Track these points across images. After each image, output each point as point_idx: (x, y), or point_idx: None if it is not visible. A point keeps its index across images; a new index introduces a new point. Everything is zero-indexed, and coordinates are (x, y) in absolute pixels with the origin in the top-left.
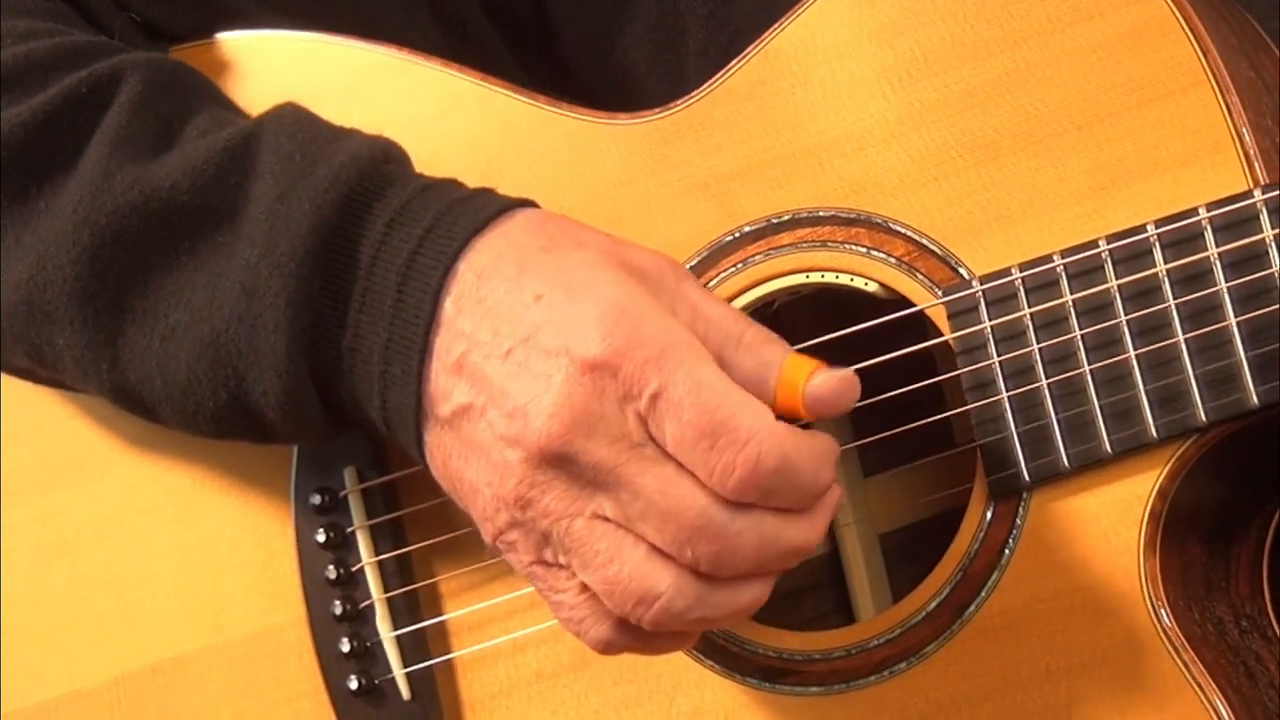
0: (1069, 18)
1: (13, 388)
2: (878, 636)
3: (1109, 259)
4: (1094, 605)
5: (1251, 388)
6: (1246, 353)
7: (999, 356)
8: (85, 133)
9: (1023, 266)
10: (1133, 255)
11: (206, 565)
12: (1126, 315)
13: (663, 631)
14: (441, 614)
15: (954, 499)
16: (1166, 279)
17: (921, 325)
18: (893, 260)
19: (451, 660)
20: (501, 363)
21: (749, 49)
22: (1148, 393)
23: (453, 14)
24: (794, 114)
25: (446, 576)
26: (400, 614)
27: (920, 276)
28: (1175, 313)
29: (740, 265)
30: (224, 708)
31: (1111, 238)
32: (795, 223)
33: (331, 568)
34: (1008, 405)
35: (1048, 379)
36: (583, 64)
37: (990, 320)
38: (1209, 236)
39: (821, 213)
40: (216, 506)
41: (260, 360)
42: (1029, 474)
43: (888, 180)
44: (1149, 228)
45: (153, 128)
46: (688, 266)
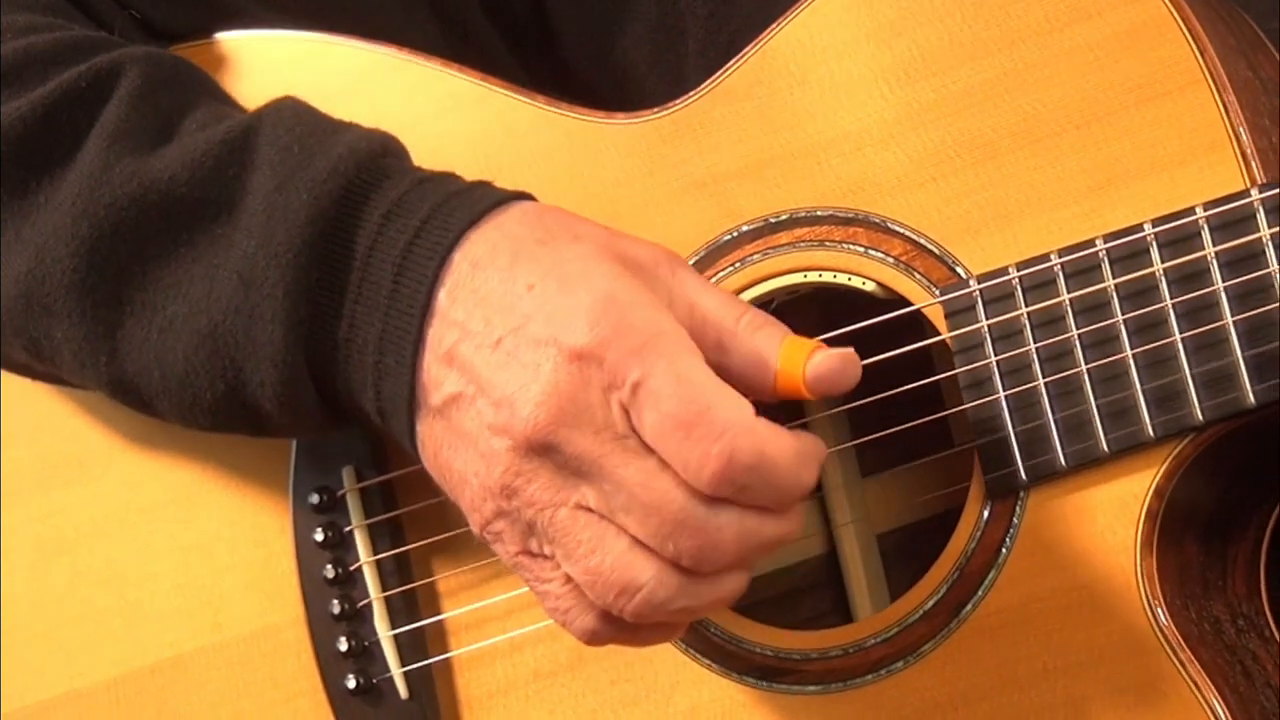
0: (1066, 17)
1: (13, 386)
2: (875, 635)
3: (1106, 258)
4: (1091, 604)
5: (1248, 387)
6: (1243, 352)
7: (996, 356)
8: (84, 126)
9: (1020, 266)
10: (1130, 254)
11: (205, 564)
12: (1123, 314)
13: (646, 622)
14: (439, 613)
15: (951, 498)
16: (1163, 278)
17: (919, 324)
18: (890, 259)
19: (449, 659)
20: (491, 352)
21: (747, 49)
22: (1145, 392)
23: (453, 14)
24: (792, 114)
25: (444, 575)
26: (398, 613)
27: (918, 276)
28: (1172, 312)
29: (738, 264)
30: (222, 707)
31: (1109, 237)
32: (793, 222)
33: (329, 567)
34: (1005, 404)
35: (1045, 378)
36: (582, 64)
37: (987, 319)
38: (1206, 235)
39: (819, 212)
40: (215, 505)
41: (257, 351)
42: (1026, 473)
43: (886, 180)
44: (1146, 227)
45: (151, 121)
46: None
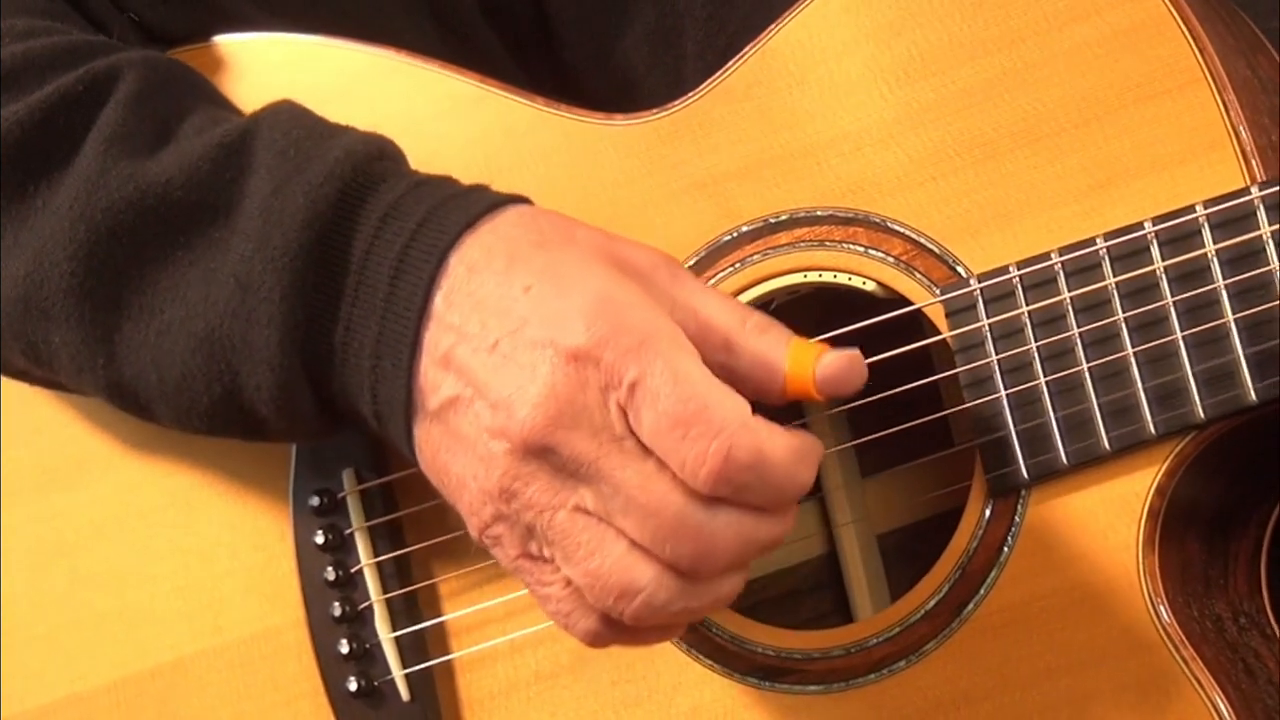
0: (1066, 16)
1: (13, 389)
2: (877, 635)
3: (1106, 256)
4: (1093, 602)
5: (1249, 384)
6: (1244, 349)
7: (997, 354)
8: (81, 130)
9: (1020, 264)
10: (1130, 253)
11: (205, 567)
12: (1124, 312)
13: (646, 625)
14: (440, 615)
15: (952, 498)
16: (1164, 276)
17: (919, 324)
18: (891, 259)
19: (450, 661)
20: (488, 355)
21: (746, 49)
22: (1146, 390)
23: (451, 16)
24: (791, 114)
25: (445, 578)
26: (399, 615)
27: (918, 275)
28: (1173, 310)
29: (738, 265)
30: (223, 709)
31: (1109, 235)
32: (793, 222)
33: (330, 569)
34: (1006, 403)
35: (1046, 376)
36: (582, 66)
37: (988, 318)
38: (1206, 233)
39: (819, 212)
40: (215, 508)
41: (254, 354)
42: (1027, 471)
43: (885, 179)
44: (1146, 225)
45: (149, 125)
46: (686, 266)
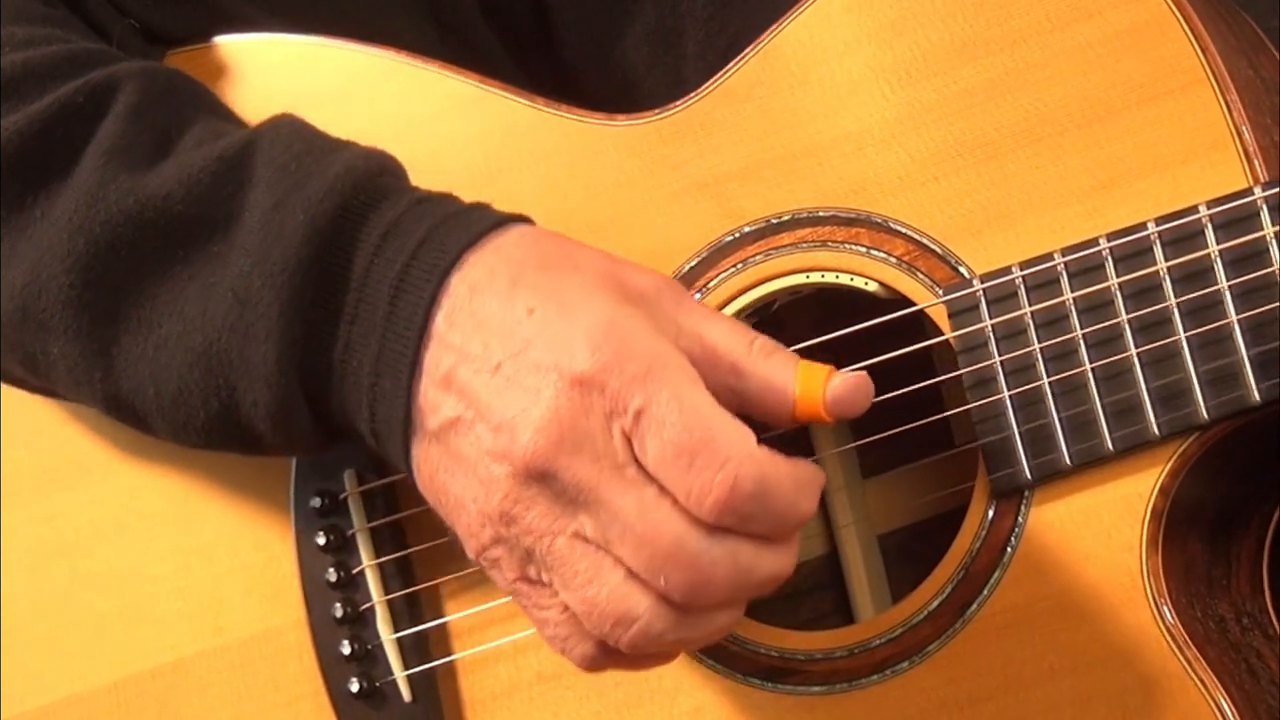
0: (1068, 17)
1: (13, 390)
2: (880, 636)
3: (1109, 257)
4: (1097, 603)
5: (1253, 384)
6: (1248, 350)
7: (1000, 355)
8: (81, 142)
9: (1023, 265)
10: (1133, 253)
11: (206, 568)
12: (1127, 313)
13: (642, 653)
14: (442, 616)
15: (952, 499)
16: (1167, 277)
17: (921, 325)
18: (893, 260)
19: (453, 662)
20: (490, 377)
21: (748, 49)
22: (1149, 390)
23: (451, 16)
24: (793, 114)
25: (447, 578)
26: (401, 616)
27: (921, 276)
28: (1176, 310)
29: (740, 265)
30: (224, 710)
31: (1112, 236)
32: (795, 223)
33: (332, 570)
34: (1009, 404)
35: (1049, 377)
36: (582, 66)
37: (991, 319)
38: (1209, 234)
39: (821, 213)
40: (216, 509)
41: (251, 370)
42: (1031, 472)
43: (888, 180)
44: (1149, 225)
45: (148, 137)
46: (688, 267)
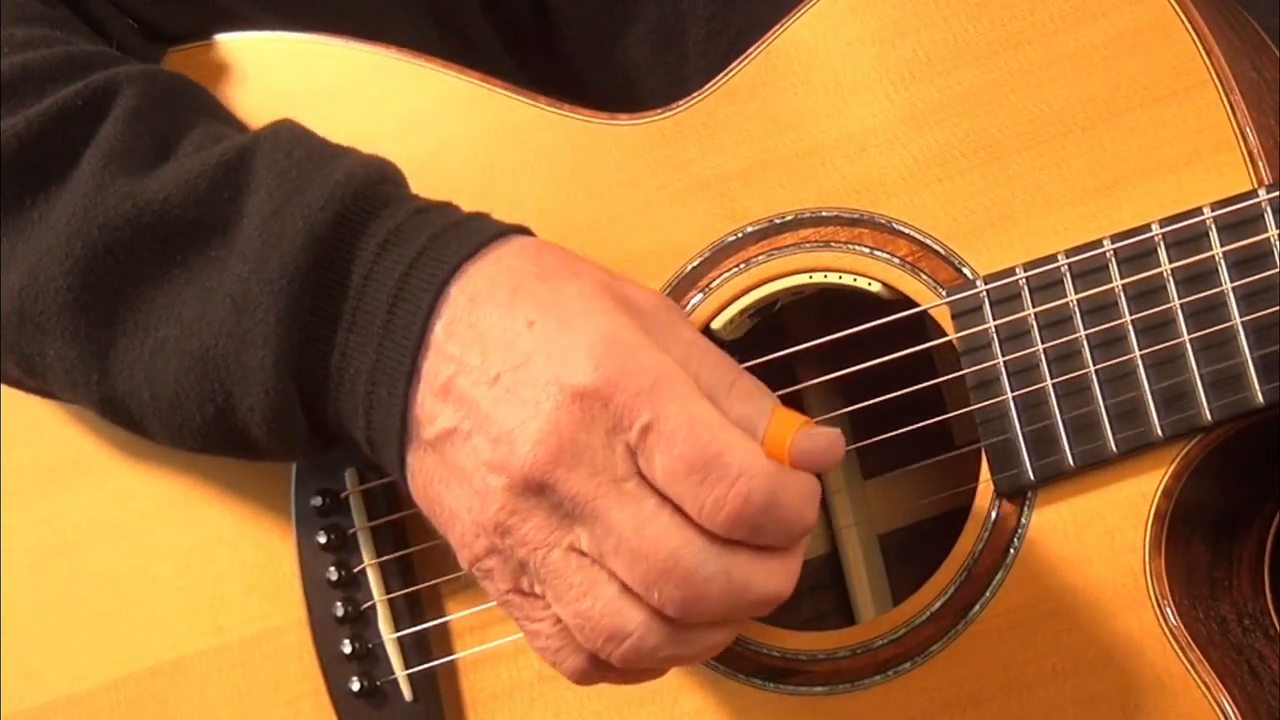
0: (1072, 18)
1: (13, 390)
2: (882, 636)
3: (1113, 259)
4: (1099, 604)
5: (1257, 387)
6: (1251, 352)
7: (1003, 356)
8: (80, 145)
9: (1027, 266)
10: (1137, 255)
11: (207, 567)
12: (1131, 315)
13: (633, 668)
14: (443, 615)
15: (953, 500)
16: (1171, 278)
17: (924, 325)
18: (896, 260)
19: (454, 661)
20: (489, 388)
21: (751, 49)
22: (1153, 392)
23: (452, 16)
24: (796, 114)
25: (448, 578)
26: (402, 615)
27: (924, 277)
28: (1180, 312)
29: (743, 265)
30: (224, 709)
31: (1116, 237)
32: (798, 223)
33: (333, 569)
34: (1012, 405)
35: (1052, 379)
36: (583, 65)
37: (994, 320)
38: (1213, 236)
39: (824, 213)
40: (217, 508)
41: (248, 376)
42: (1034, 473)
43: (891, 180)
44: (1153, 227)
45: (147, 141)
46: (690, 267)
